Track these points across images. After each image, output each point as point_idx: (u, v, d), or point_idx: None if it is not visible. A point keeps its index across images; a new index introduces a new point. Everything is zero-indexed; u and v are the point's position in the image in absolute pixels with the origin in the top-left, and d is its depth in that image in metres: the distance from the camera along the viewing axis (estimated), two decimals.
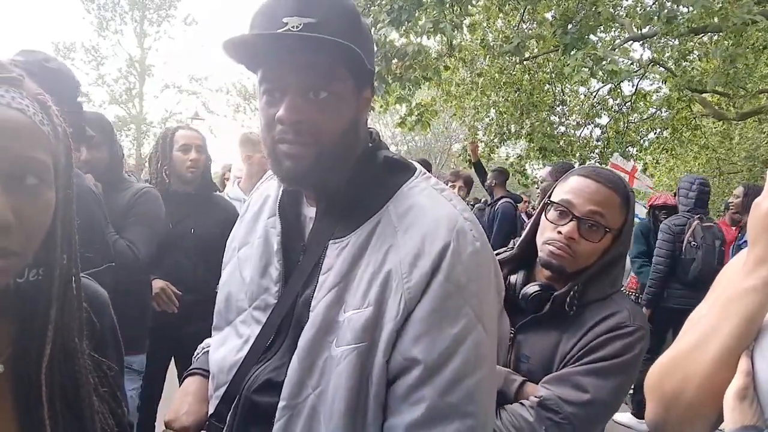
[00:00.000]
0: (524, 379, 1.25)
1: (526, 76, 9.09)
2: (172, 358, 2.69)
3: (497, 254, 1.42)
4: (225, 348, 1.00)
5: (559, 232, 1.28)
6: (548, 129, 9.52)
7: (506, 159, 13.29)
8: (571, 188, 1.31)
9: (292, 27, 0.81)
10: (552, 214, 1.32)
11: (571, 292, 1.26)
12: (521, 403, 1.21)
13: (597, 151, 10.04)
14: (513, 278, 1.37)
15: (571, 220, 1.27)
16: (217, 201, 2.78)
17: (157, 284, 2.44)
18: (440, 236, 0.85)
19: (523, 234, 1.43)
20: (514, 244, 1.45)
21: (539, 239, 1.34)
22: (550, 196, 1.36)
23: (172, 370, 2.72)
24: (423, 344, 0.82)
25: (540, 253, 1.33)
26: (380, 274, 0.85)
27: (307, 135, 0.85)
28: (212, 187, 2.76)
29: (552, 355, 1.26)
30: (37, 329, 0.69)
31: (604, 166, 6.36)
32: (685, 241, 3.97)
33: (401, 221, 0.88)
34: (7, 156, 0.61)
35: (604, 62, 5.37)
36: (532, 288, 1.31)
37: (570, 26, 5.88)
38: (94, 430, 0.74)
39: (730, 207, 4.39)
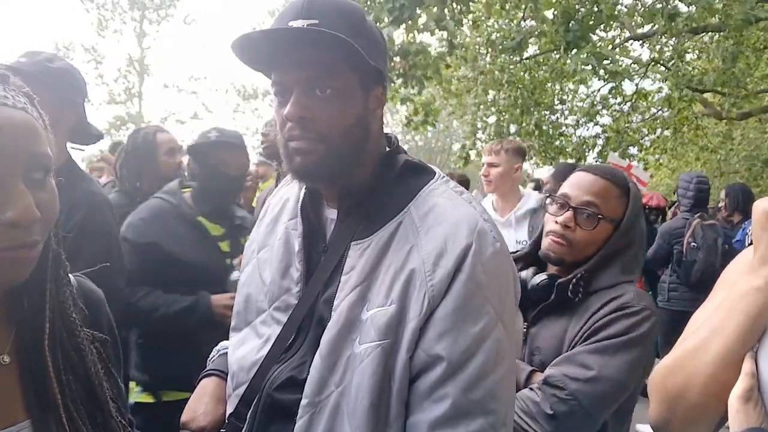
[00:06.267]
0: (532, 369, 1.29)
1: (527, 74, 9.09)
2: None
3: (510, 253, 1.51)
4: (245, 347, 1.01)
5: (557, 222, 1.35)
6: (550, 128, 9.54)
7: None
8: (570, 183, 1.41)
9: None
10: (552, 207, 1.40)
11: (574, 279, 1.30)
12: (530, 387, 1.24)
13: (597, 150, 10.05)
14: (524, 274, 1.41)
15: (567, 210, 1.35)
16: None
17: None
18: (462, 237, 0.86)
19: (538, 232, 1.49)
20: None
21: (543, 233, 1.41)
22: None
23: None
24: (446, 341, 0.83)
25: (541, 246, 1.40)
26: (403, 273, 0.87)
27: (313, 131, 0.88)
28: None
29: (560, 342, 1.29)
30: (35, 310, 0.72)
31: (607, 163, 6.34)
32: (685, 243, 3.92)
33: (423, 222, 0.90)
34: (24, 155, 0.66)
35: (606, 61, 5.36)
36: (539, 278, 1.37)
37: (572, 24, 5.88)
38: (103, 395, 0.77)
39: (720, 209, 4.40)
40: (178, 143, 2.61)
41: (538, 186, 5.97)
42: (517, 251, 1.50)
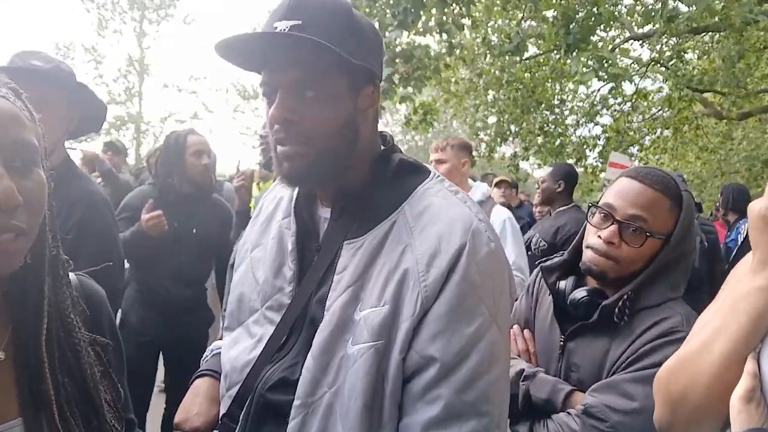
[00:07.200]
0: (572, 388, 1.22)
1: (527, 74, 9.09)
2: (160, 354, 2.70)
3: (547, 260, 1.42)
4: (237, 348, 1.01)
5: (600, 237, 1.24)
6: (554, 127, 9.56)
7: (500, 158, 13.32)
8: (615, 191, 1.27)
9: (281, 30, 0.83)
10: (595, 218, 1.28)
11: (620, 302, 1.20)
12: (568, 412, 1.19)
13: (597, 150, 10.07)
14: (562, 284, 1.34)
15: (611, 224, 1.23)
16: (214, 201, 2.84)
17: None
18: (456, 237, 0.85)
19: (575, 239, 1.39)
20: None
21: (584, 244, 1.31)
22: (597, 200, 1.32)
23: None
24: (440, 342, 0.83)
25: (582, 258, 1.29)
26: (396, 273, 0.86)
27: (300, 134, 0.87)
28: (212, 188, 2.80)
29: (601, 363, 1.21)
30: (33, 307, 0.71)
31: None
32: None
33: (417, 222, 0.89)
34: (5, 141, 0.65)
35: (606, 63, 5.36)
36: (579, 293, 1.28)
37: (572, 26, 5.88)
38: (99, 398, 0.76)
39: (718, 208, 4.45)
40: (207, 146, 2.72)
41: (514, 185, 5.92)
42: (553, 257, 1.43)
